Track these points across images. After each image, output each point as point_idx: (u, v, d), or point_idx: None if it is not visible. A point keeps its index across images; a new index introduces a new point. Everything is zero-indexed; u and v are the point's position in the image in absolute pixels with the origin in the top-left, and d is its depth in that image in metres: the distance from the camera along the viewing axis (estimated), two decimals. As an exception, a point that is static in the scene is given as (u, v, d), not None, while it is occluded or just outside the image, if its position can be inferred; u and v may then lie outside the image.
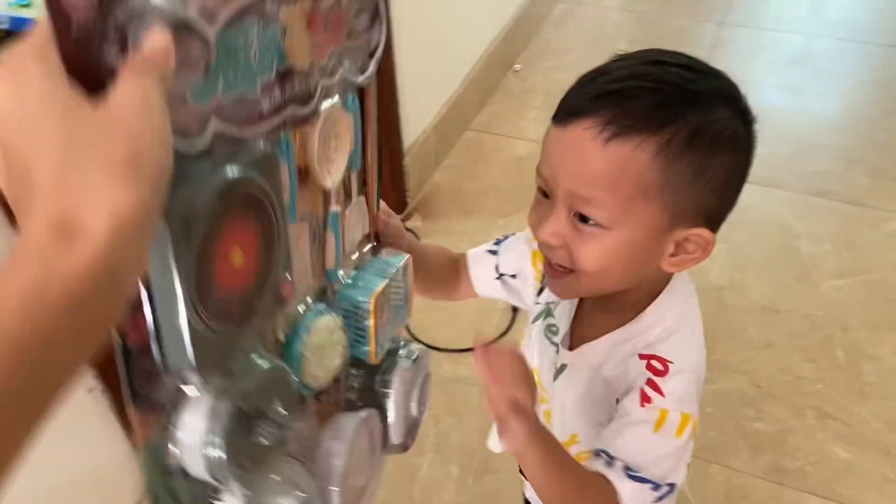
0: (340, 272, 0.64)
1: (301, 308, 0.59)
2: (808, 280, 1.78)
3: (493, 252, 0.85)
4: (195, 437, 0.47)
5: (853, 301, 1.73)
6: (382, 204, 0.72)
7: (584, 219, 0.62)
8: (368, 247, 0.71)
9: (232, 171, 0.44)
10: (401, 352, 0.71)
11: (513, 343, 0.78)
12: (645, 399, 0.66)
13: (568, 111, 0.62)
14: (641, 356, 0.68)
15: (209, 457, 0.48)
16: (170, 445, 0.48)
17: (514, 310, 1.71)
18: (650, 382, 0.67)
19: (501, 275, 0.85)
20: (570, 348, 0.75)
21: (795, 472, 1.41)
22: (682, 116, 0.60)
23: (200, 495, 0.51)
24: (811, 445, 1.45)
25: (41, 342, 0.30)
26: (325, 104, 0.54)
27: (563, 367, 0.76)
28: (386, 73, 1.76)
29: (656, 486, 0.64)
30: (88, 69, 0.34)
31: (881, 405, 1.51)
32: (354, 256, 0.68)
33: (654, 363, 0.68)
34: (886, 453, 1.43)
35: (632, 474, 0.64)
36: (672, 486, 0.66)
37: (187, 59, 0.38)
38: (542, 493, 0.67)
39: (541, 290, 0.82)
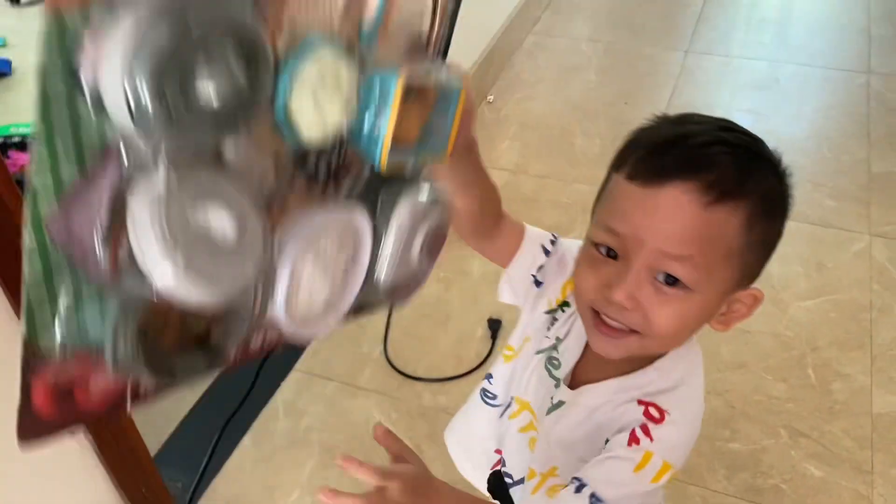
0: (376, 46, 0.55)
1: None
2: (778, 301, 1.82)
3: (547, 252, 0.83)
4: (125, 36, 0.36)
5: (823, 321, 1.77)
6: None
7: (669, 281, 0.63)
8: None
9: None
10: (421, 184, 0.63)
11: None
12: (633, 440, 0.68)
13: (657, 172, 0.63)
14: (640, 402, 0.70)
15: (132, 69, 0.36)
16: (87, 39, 0.36)
17: (493, 339, 1.73)
18: (643, 427, 0.68)
19: (535, 276, 0.83)
20: (571, 386, 0.76)
21: (771, 491, 1.44)
22: (758, 182, 0.64)
23: (105, 139, 0.40)
24: (785, 464, 1.48)
25: None
26: None
27: (560, 403, 0.76)
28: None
29: None
30: None
31: (851, 422, 1.55)
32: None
33: (652, 410, 0.69)
34: (858, 470, 1.47)
35: (595, 503, 0.65)
36: None
37: None
38: None
39: (553, 320, 0.81)
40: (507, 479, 0.85)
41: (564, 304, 0.81)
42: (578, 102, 2.51)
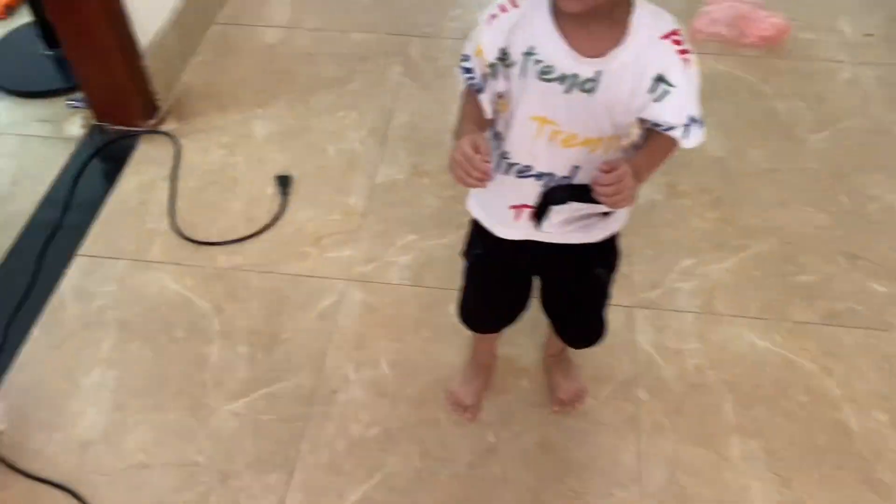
0: None
1: None
2: (793, 137, 1.88)
3: (469, 70, 0.94)
4: None
5: (840, 149, 1.85)
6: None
7: None
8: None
9: None
10: None
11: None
12: (685, 62, 0.85)
13: None
14: (663, 37, 0.85)
15: None
16: None
17: (285, 194, 1.75)
18: (682, 51, 0.85)
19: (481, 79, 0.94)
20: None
21: (847, 313, 1.52)
22: None
23: None
24: (852, 286, 1.57)
25: None
26: None
27: (591, 79, 0.86)
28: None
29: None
30: None
31: (894, 238, 1.65)
32: None
33: (675, 37, 0.85)
34: (914, 278, 1.58)
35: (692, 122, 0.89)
36: None
37: None
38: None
39: (502, 57, 0.89)
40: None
41: (501, 58, 0.90)
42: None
